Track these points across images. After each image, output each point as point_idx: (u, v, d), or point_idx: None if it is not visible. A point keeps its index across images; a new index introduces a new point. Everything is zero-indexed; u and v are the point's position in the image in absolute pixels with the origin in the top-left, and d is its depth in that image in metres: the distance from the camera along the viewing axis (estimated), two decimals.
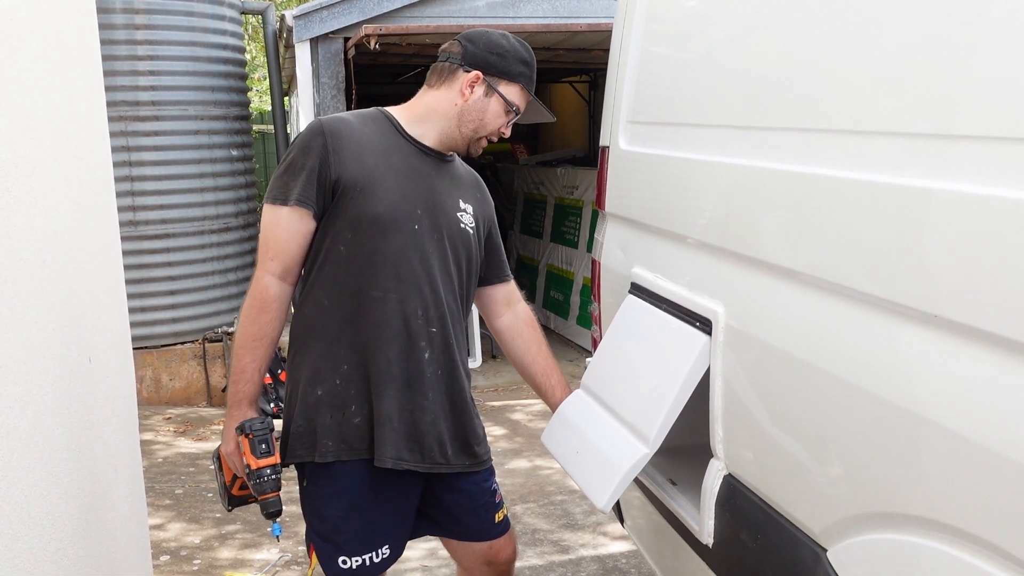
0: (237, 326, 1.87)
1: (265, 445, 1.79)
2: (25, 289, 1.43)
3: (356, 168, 1.80)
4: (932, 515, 1.11)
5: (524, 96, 1.92)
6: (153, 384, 5.87)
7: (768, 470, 1.50)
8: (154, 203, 5.74)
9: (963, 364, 1.07)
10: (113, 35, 5.48)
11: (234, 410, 1.85)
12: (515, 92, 1.90)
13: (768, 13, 1.56)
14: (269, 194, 1.83)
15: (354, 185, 1.79)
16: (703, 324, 1.67)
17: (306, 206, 1.79)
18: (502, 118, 1.90)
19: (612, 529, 3.46)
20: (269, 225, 1.82)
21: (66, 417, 1.61)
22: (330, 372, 1.82)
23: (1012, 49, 1.02)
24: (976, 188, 1.04)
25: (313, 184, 1.78)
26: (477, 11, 6.16)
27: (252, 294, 1.83)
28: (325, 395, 1.82)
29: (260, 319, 1.82)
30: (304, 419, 1.83)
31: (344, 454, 1.82)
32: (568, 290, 7.19)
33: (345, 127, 1.83)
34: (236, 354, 1.84)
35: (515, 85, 1.90)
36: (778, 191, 1.47)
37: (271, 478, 1.79)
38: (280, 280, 1.82)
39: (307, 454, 1.83)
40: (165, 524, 3.70)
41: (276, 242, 1.81)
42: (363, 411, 1.82)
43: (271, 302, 1.82)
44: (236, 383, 1.85)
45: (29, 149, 1.49)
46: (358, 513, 1.86)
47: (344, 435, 1.82)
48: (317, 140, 1.80)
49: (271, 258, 1.81)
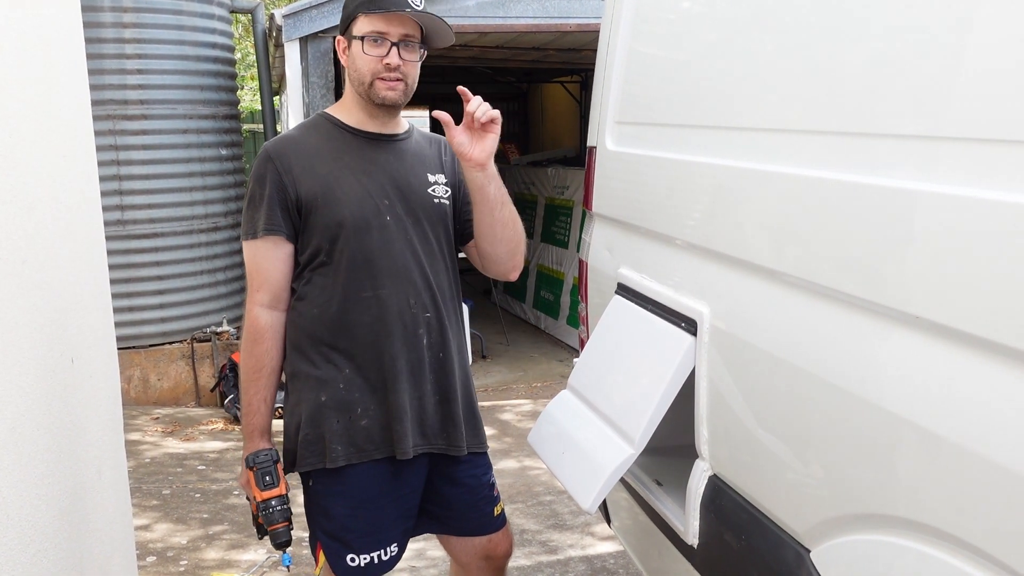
0: (239, 361, 1.92)
1: (269, 477, 1.85)
2: (4, 290, 1.41)
3: (311, 181, 1.82)
4: (913, 516, 1.11)
5: (371, 19, 1.78)
6: (141, 384, 5.85)
7: (752, 471, 1.49)
8: (142, 202, 5.71)
9: (944, 366, 1.07)
10: (101, 33, 5.45)
11: (247, 442, 1.90)
12: (360, 25, 1.79)
13: (754, 14, 1.56)
14: (242, 231, 1.88)
15: (314, 197, 1.81)
16: (688, 325, 1.67)
17: (276, 232, 1.82)
18: (369, 54, 1.79)
19: (600, 530, 3.46)
20: (249, 259, 1.87)
21: (47, 418, 1.60)
22: (332, 378, 1.84)
23: (1000, 50, 1.01)
24: (961, 190, 1.04)
25: (276, 210, 1.81)
26: (467, 11, 6.14)
27: (245, 327, 1.88)
28: (330, 400, 1.84)
29: (256, 350, 1.86)
30: (312, 426, 1.85)
31: (354, 457, 1.84)
32: (558, 290, 7.19)
33: (290, 145, 1.86)
34: (242, 388, 1.90)
35: (357, 20, 1.79)
36: (762, 192, 1.47)
37: (277, 509, 1.85)
38: (270, 309, 1.86)
39: (317, 461, 1.85)
40: (151, 525, 3.68)
41: (258, 273, 1.85)
42: (368, 412, 1.84)
43: (264, 332, 1.86)
44: (246, 416, 1.90)
45: (8, 147, 1.48)
46: (365, 511, 1.87)
47: (352, 438, 1.84)
48: (268, 166, 1.83)
49: (256, 289, 1.86)
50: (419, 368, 1.86)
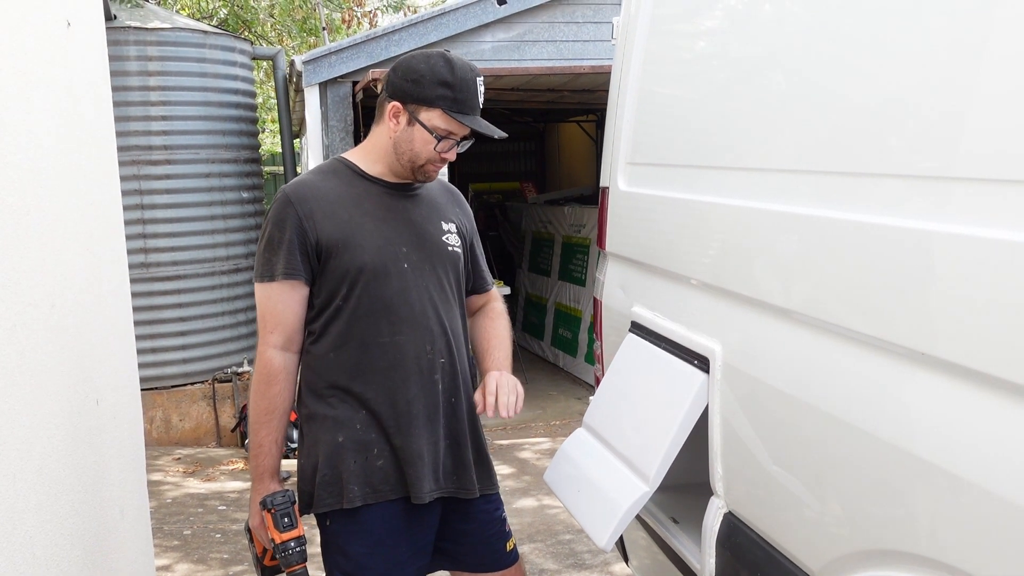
0: (249, 402, 1.91)
1: (288, 519, 1.83)
2: (34, 333, 1.46)
3: (332, 226, 1.83)
4: (925, 552, 1.11)
5: (448, 120, 1.82)
6: (163, 424, 5.89)
7: (766, 507, 1.50)
8: (166, 245, 5.81)
9: (957, 404, 1.08)
10: (127, 82, 5.60)
11: (257, 484, 1.89)
12: (436, 117, 1.82)
13: (765, 55, 1.60)
14: (256, 272, 1.87)
15: (334, 243, 1.82)
16: (701, 362, 1.69)
17: (295, 277, 1.83)
18: (432, 144, 1.83)
19: (619, 569, 3.44)
20: (262, 301, 1.86)
21: (73, 458, 1.64)
22: (349, 418, 1.85)
23: (1011, 90, 1.02)
24: (971, 230, 1.05)
25: (296, 255, 1.82)
26: (483, 54, 6.26)
27: (258, 369, 1.86)
28: (347, 441, 1.85)
29: (269, 392, 1.85)
30: (329, 467, 1.85)
31: (370, 497, 1.84)
32: (576, 328, 7.20)
33: (311, 190, 1.86)
34: (252, 429, 1.88)
35: (435, 110, 1.81)
36: (773, 231, 1.49)
37: (296, 551, 1.83)
38: (283, 351, 1.86)
39: (335, 502, 1.85)
40: (172, 565, 3.70)
41: (273, 315, 1.85)
42: (384, 453, 1.85)
43: (277, 374, 1.85)
44: (256, 457, 1.88)
45: (40, 197, 1.54)
46: (382, 550, 1.87)
47: (369, 478, 1.85)
48: (288, 210, 1.83)
49: (270, 331, 1.85)
50: (434, 413, 1.88)
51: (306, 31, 11.54)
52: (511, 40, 6.39)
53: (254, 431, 1.87)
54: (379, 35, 6.21)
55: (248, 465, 5.17)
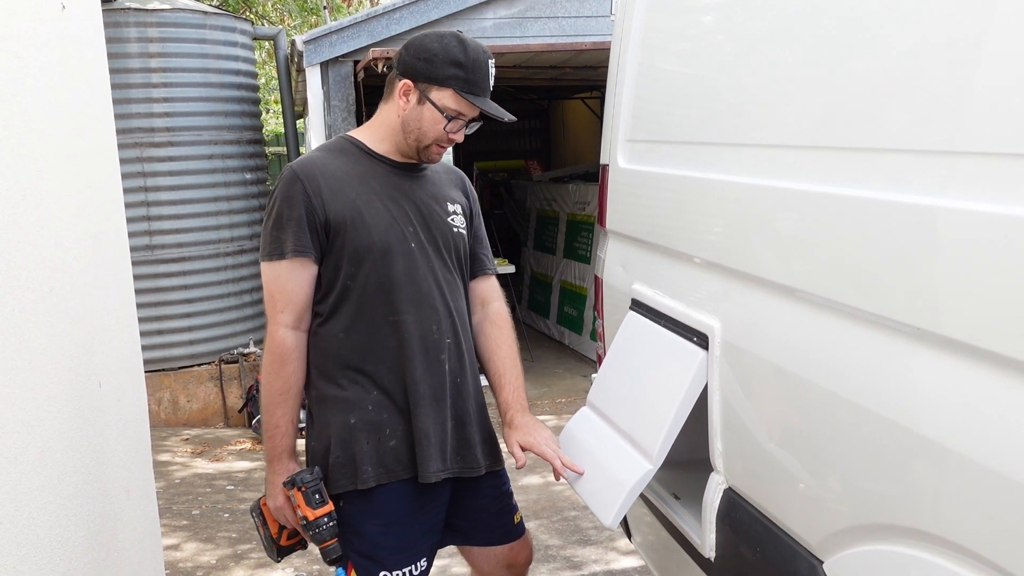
0: (261, 382, 1.89)
1: (319, 496, 1.82)
2: (34, 317, 1.47)
3: (340, 204, 1.82)
4: (923, 527, 1.11)
5: (459, 100, 1.82)
6: (170, 406, 5.93)
7: (765, 483, 1.50)
8: (170, 227, 5.82)
9: (957, 380, 1.07)
10: (128, 64, 5.58)
11: (275, 464, 1.88)
12: (447, 97, 1.82)
13: (766, 29, 1.57)
14: (264, 251, 1.84)
15: (342, 221, 1.81)
16: (700, 339, 1.69)
17: (304, 254, 1.81)
18: (441, 123, 1.83)
19: (623, 544, 3.46)
20: (271, 280, 1.84)
21: (75, 440, 1.65)
22: (361, 399, 1.85)
23: (1017, 63, 1.01)
24: (973, 205, 1.04)
25: (305, 231, 1.80)
26: (484, 31, 6.22)
27: (270, 348, 1.84)
28: (359, 423, 1.85)
29: (283, 372, 1.84)
30: (342, 448, 1.86)
31: (383, 478, 1.86)
32: (581, 306, 7.20)
33: (318, 168, 1.85)
34: (266, 410, 1.86)
35: (446, 90, 1.81)
36: (773, 208, 1.48)
37: (329, 526, 1.83)
38: (295, 330, 1.85)
39: (349, 483, 1.86)
40: (180, 544, 3.74)
41: (282, 294, 1.83)
42: (397, 433, 1.86)
43: (290, 353, 1.84)
44: (272, 438, 1.87)
45: (36, 181, 1.54)
46: (395, 528, 1.89)
47: (382, 459, 1.86)
48: (297, 187, 1.81)
49: (280, 311, 1.83)
50: (441, 393, 1.89)
51: (307, 10, 11.49)
52: (513, 17, 6.34)
53: (269, 412, 1.86)
54: (380, 14, 6.17)
55: (262, 446, 5.22)
